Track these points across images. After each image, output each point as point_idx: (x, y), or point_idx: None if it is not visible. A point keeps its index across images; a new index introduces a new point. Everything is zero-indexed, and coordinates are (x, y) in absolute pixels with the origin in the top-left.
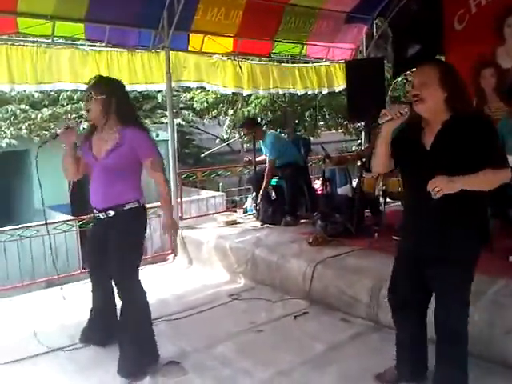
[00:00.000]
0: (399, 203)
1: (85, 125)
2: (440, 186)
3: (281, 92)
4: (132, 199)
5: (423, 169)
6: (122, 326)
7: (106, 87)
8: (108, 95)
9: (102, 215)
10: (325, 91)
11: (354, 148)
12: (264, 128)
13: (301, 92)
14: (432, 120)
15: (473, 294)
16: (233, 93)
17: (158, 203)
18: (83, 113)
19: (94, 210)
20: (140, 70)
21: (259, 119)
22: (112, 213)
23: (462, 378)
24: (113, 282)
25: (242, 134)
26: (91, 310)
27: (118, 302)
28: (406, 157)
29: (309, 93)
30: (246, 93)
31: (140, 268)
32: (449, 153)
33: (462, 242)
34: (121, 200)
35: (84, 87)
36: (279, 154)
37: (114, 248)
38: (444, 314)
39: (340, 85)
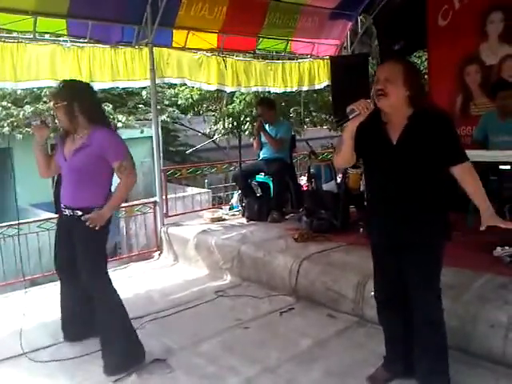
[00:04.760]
0: None
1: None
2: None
3: (261, 90)
4: (101, 204)
5: (390, 163)
6: (100, 325)
7: (68, 93)
8: (70, 101)
9: (68, 212)
10: (305, 89)
11: None
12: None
13: (281, 90)
14: (394, 115)
15: (457, 288)
16: (217, 89)
17: (143, 200)
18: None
19: (62, 206)
20: (123, 67)
21: (243, 116)
22: (79, 213)
23: (443, 367)
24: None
25: (258, 112)
26: (63, 308)
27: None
28: (371, 151)
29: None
30: (229, 90)
31: (121, 267)
32: (415, 148)
33: (430, 230)
34: (90, 203)
35: None
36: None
37: (80, 250)
38: (419, 302)
39: (322, 82)
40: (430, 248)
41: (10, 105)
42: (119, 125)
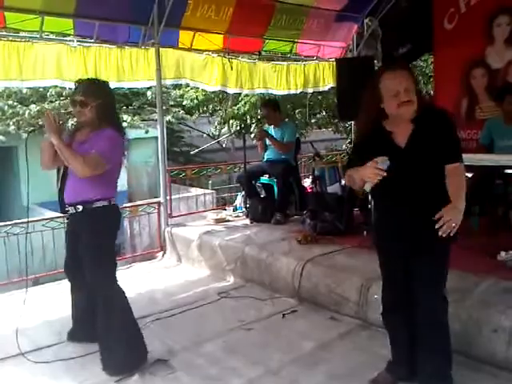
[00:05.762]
0: None
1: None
2: (455, 221)
3: (265, 92)
4: (100, 197)
5: (399, 167)
6: (102, 325)
7: (100, 91)
8: (103, 100)
9: (71, 209)
10: (310, 91)
11: (343, 147)
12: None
13: (285, 92)
14: (403, 119)
15: (461, 292)
16: (222, 91)
17: (147, 200)
18: (71, 109)
19: (66, 206)
20: (129, 67)
21: (248, 118)
22: (80, 207)
23: (446, 371)
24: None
25: (262, 114)
26: (73, 309)
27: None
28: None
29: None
30: (232, 91)
31: (124, 267)
32: (424, 150)
33: (436, 235)
34: (88, 196)
35: (69, 84)
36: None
37: (84, 249)
38: (425, 304)
39: (327, 84)
40: (437, 250)
41: (15, 103)
42: (124, 125)
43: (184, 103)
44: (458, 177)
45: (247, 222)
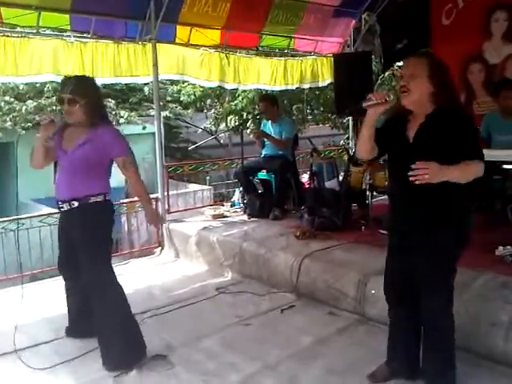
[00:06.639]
0: (386, 197)
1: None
2: (430, 173)
3: (262, 87)
4: (96, 193)
5: (406, 161)
6: (98, 321)
7: (88, 89)
8: (90, 97)
9: (66, 206)
10: (306, 86)
11: (341, 142)
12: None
13: (282, 88)
14: (417, 112)
15: (458, 286)
16: (220, 86)
17: None
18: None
19: (59, 203)
20: (125, 62)
21: (245, 114)
22: (76, 203)
23: (450, 372)
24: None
25: (260, 109)
26: (68, 308)
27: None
28: (391, 148)
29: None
30: (229, 87)
31: (122, 263)
32: (430, 147)
33: (444, 234)
34: (85, 192)
35: None
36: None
37: (80, 245)
38: (427, 305)
39: (325, 80)
40: (443, 252)
41: (12, 99)
42: (121, 121)
43: (181, 99)
44: (472, 164)
45: (245, 217)
